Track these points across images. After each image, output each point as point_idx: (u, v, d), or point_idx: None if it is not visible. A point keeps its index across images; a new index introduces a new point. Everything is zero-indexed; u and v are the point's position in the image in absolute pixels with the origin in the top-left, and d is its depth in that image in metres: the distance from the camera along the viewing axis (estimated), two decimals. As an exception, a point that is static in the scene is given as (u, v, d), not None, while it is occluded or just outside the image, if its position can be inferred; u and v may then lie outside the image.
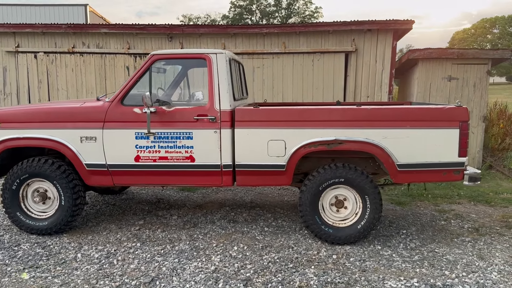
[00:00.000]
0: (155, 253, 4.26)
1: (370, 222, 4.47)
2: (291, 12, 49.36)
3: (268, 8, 49.68)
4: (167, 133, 4.49)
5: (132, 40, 9.16)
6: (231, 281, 3.69)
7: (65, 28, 9.07)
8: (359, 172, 4.43)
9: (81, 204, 4.74)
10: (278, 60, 8.94)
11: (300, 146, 4.42)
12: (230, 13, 49.25)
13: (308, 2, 49.78)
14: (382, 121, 4.36)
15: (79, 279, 3.69)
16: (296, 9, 49.96)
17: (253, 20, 47.14)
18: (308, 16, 48.24)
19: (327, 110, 4.47)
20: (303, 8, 49.96)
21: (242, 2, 49.28)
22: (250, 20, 47.40)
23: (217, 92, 4.47)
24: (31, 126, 4.60)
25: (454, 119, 4.31)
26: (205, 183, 4.65)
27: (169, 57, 4.66)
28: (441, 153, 4.36)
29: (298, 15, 49.10)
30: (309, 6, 50.02)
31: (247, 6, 49.38)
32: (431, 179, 4.53)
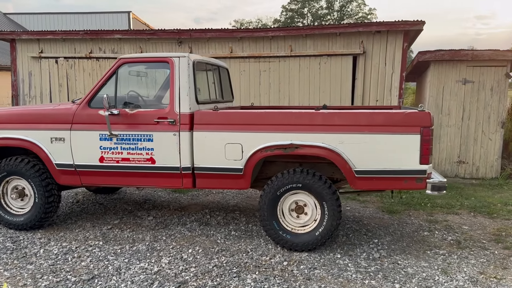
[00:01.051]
0: (111, 252, 4.37)
1: (328, 229, 4.33)
2: (344, 14, 48.70)
3: (320, 11, 49.41)
4: (129, 135, 4.60)
5: (145, 45, 9.45)
6: (167, 283, 3.71)
7: (82, 35, 9.52)
8: (317, 178, 4.31)
9: (54, 202, 4.96)
10: (284, 63, 8.87)
11: (257, 150, 4.36)
12: (281, 17, 49.51)
13: (361, 4, 48.92)
14: (339, 125, 4.22)
15: (27, 273, 3.87)
16: (349, 11, 49.27)
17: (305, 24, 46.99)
18: (361, 18, 47.33)
19: (283, 114, 4.38)
20: (356, 10, 49.18)
21: (294, 5, 49.38)
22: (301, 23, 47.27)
23: (177, 95, 4.52)
24: (9, 127, 4.88)
25: (415, 125, 4.08)
26: (166, 185, 4.71)
27: (135, 60, 4.78)
28: (401, 160, 4.14)
29: (351, 17, 48.35)
30: (363, 8, 49.14)
31: (298, 9, 49.41)
32: (392, 187, 4.31)
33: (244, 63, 9.03)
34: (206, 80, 5.24)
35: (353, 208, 6.29)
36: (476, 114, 8.18)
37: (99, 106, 4.67)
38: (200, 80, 5.20)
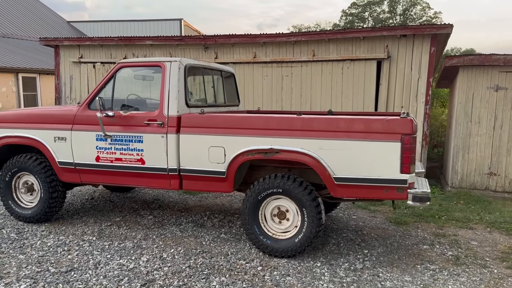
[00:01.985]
0: (98, 248, 4.58)
1: (307, 236, 4.25)
2: (407, 18, 47.22)
3: (381, 15, 48.34)
4: (121, 136, 4.80)
5: (174, 50, 9.77)
6: (136, 280, 3.83)
7: (117, 41, 10.03)
8: (297, 183, 4.25)
9: (58, 198, 5.27)
10: (306, 68, 8.81)
11: (239, 154, 4.39)
12: (341, 22, 48.99)
13: (426, 7, 47.20)
14: (317, 131, 4.14)
15: (15, 262, 4.16)
16: (413, 15, 47.72)
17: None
18: (425, 22, 45.60)
19: (263, 118, 4.37)
20: (420, 14, 47.51)
21: (354, 10, 48.67)
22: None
23: (167, 98, 4.66)
24: (20, 126, 5.27)
25: (395, 132, 3.91)
26: (154, 186, 4.85)
27: (133, 65, 4.98)
28: (381, 168, 3.98)
29: (414, 22, 46.76)
30: (427, 12, 47.37)
31: (359, 13, 48.64)
32: (372, 196, 4.14)
33: (266, 68, 9.07)
34: (202, 84, 5.34)
35: (360, 217, 6.11)
36: (510, 123, 7.63)
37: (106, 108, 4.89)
38: (196, 84, 5.32)
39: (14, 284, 3.68)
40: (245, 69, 9.21)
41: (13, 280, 3.76)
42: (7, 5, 23.53)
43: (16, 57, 15.68)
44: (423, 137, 8.08)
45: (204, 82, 5.40)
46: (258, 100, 9.20)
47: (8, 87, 13.86)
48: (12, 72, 13.98)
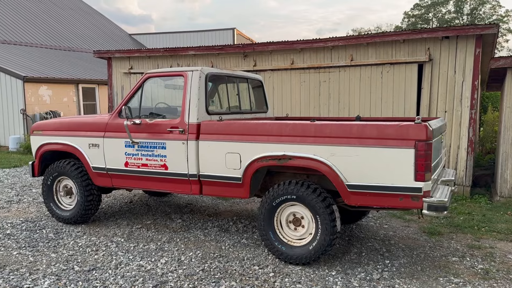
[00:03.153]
0: (124, 249, 4.82)
1: (321, 244, 4.20)
2: (475, 18, 44.93)
3: (447, 15, 46.42)
4: (147, 142, 5.03)
5: (215, 60, 10.04)
6: (149, 281, 3.99)
7: (163, 52, 10.49)
8: (311, 190, 4.22)
9: (93, 201, 5.61)
10: (344, 73, 8.69)
11: (253, 160, 4.44)
12: (403, 24, 47.65)
13: (496, 6, 44.62)
14: (330, 137, 4.09)
15: (46, 260, 4.49)
16: (481, 15, 45.34)
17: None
18: (494, 22, 43.07)
19: (277, 124, 4.39)
20: (490, 13, 45.00)
21: (418, 11, 47.17)
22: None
23: (188, 106, 4.83)
24: (60, 134, 5.68)
25: (408, 138, 3.78)
26: (177, 190, 5.03)
27: (159, 75, 5.21)
28: (395, 175, 3.85)
29: (483, 21, 44.37)
30: (497, 10, 44.75)
31: (422, 15, 47.06)
32: (387, 204, 4.01)
33: (304, 74, 9.05)
34: (226, 92, 5.46)
35: (392, 226, 5.91)
36: None
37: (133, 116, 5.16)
38: (219, 92, 5.45)
39: (40, 280, 3.98)
40: (283, 76, 9.26)
41: (40, 276, 4.07)
42: (75, 20, 25.33)
43: (77, 69, 16.83)
44: (468, 144, 7.66)
45: (228, 90, 5.51)
46: (296, 106, 9.19)
47: (69, 97, 14.90)
48: (73, 83, 15.03)
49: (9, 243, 4.97)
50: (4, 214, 6.23)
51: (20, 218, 6.00)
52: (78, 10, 27.33)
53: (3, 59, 14.76)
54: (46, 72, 14.63)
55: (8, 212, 6.33)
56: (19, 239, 5.13)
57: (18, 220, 5.88)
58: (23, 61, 15.45)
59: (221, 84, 5.48)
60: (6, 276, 4.06)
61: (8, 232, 5.36)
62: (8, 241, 5.06)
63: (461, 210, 6.65)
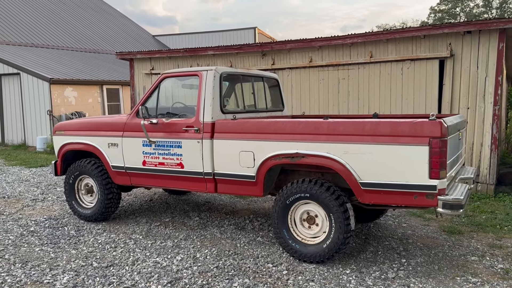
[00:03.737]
0: (142, 246, 4.92)
1: (335, 242, 4.18)
2: (504, 12, 43.61)
3: (475, 9, 45.24)
4: (164, 141, 5.11)
5: (234, 59, 10.09)
6: (164, 277, 4.06)
7: (182, 52, 10.61)
8: (324, 188, 4.21)
9: (113, 199, 5.74)
10: (364, 70, 8.59)
11: (267, 158, 4.46)
12: (429, 19, 46.75)
13: None
14: (343, 135, 4.07)
15: (66, 256, 4.63)
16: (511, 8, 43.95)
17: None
18: None
19: (290, 123, 4.39)
20: None
21: (444, 6, 46.20)
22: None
23: (202, 105, 4.89)
24: (81, 134, 5.84)
25: (423, 135, 3.72)
26: (193, 188, 5.09)
27: (175, 75, 5.29)
28: (409, 173, 3.80)
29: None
30: None
31: (449, 10, 46.04)
32: (401, 202, 3.95)
33: (323, 71, 9.00)
34: (241, 91, 5.49)
35: (411, 225, 5.83)
36: None
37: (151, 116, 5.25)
38: (235, 91, 5.49)
39: (59, 276, 4.11)
40: (301, 74, 9.23)
41: (60, 272, 4.20)
42: (100, 23, 25.88)
43: (102, 71, 17.19)
44: (492, 141, 7.47)
45: (243, 89, 5.54)
46: (315, 104, 9.15)
47: (94, 98, 15.24)
48: (98, 84, 15.37)
49: (32, 240, 5.14)
50: (29, 211, 6.44)
51: (44, 215, 6.19)
52: (103, 13, 27.90)
53: (31, 62, 15.22)
54: (71, 74, 15.00)
55: (33, 210, 6.55)
56: (42, 236, 5.30)
57: (42, 218, 6.07)
58: (50, 63, 15.90)
59: (236, 83, 5.51)
60: (28, 271, 4.21)
61: (32, 229, 5.55)
62: (31, 238, 5.23)
63: (483, 208, 6.50)
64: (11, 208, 6.60)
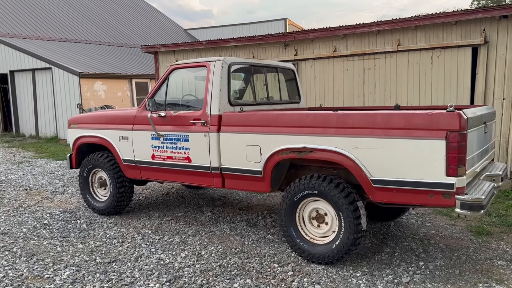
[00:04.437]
0: (149, 241, 4.82)
1: (344, 242, 3.91)
2: None
3: None
4: (171, 135, 4.98)
5: (256, 50, 9.87)
6: (165, 274, 3.93)
7: (205, 45, 10.48)
8: (333, 185, 3.94)
9: (125, 193, 5.67)
10: (391, 59, 8.17)
11: (273, 153, 4.24)
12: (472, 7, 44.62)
13: None
14: (352, 128, 3.78)
15: (72, 250, 4.59)
16: None
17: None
18: None
19: (297, 115, 4.13)
20: None
21: None
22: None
23: (209, 97, 4.70)
24: (94, 127, 5.79)
25: (439, 128, 3.38)
26: (200, 183, 4.93)
27: (184, 66, 5.12)
28: (424, 170, 3.48)
29: None
30: None
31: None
32: (416, 201, 3.63)
33: (347, 61, 8.63)
34: (252, 82, 5.27)
35: (435, 224, 5.45)
36: None
37: (159, 109, 5.14)
38: (246, 82, 5.27)
39: (61, 270, 4.06)
40: (325, 64, 8.89)
41: (62, 266, 4.15)
42: (131, 17, 26.22)
43: (131, 64, 17.37)
44: (529, 134, 6.91)
45: (254, 80, 5.31)
46: (339, 96, 8.80)
47: (123, 92, 15.42)
48: (127, 78, 15.52)
49: (43, 233, 5.15)
50: (47, 204, 6.50)
51: (60, 208, 6.22)
52: (136, 7, 28.25)
53: (62, 56, 15.56)
54: (101, 68, 15.22)
55: (51, 202, 6.61)
56: (53, 229, 5.30)
57: (57, 211, 6.10)
58: (81, 57, 16.19)
59: (248, 74, 5.29)
60: (31, 265, 4.19)
61: (45, 222, 5.57)
62: (43, 230, 5.24)
63: (517, 208, 6.01)
64: (30, 200, 6.69)
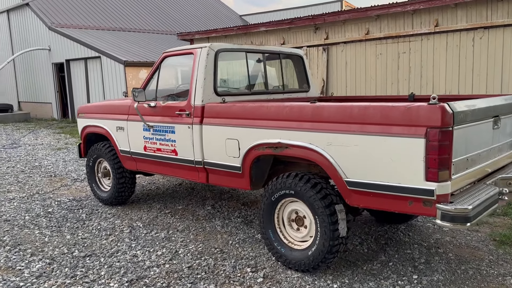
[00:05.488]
0: (135, 235, 4.69)
1: (320, 250, 3.50)
2: None
3: None
4: (159, 126, 4.78)
5: (286, 34, 9.41)
6: (129, 274, 3.77)
7: (236, 30, 10.20)
8: (310, 185, 3.52)
9: (125, 184, 5.60)
10: (427, 42, 7.38)
11: (251, 148, 3.89)
12: None
13: None
14: (327, 122, 3.33)
15: (57, 241, 4.58)
16: None
17: None
18: None
19: (274, 107, 3.73)
20: None
21: None
22: None
23: (194, 87, 4.44)
24: (96, 116, 5.77)
25: (418, 124, 2.85)
26: (187, 177, 4.70)
27: (174, 54, 4.87)
28: (402, 173, 2.97)
29: None
30: None
31: None
32: (394, 208, 3.12)
33: (380, 45, 7.93)
34: (246, 70, 4.90)
35: (455, 229, 4.81)
36: None
37: (151, 99, 4.97)
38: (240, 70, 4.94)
39: (35, 263, 4.04)
40: (357, 49, 8.25)
41: (38, 258, 4.13)
42: (187, 5, 26.51)
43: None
44: None
45: (249, 68, 4.94)
46: (371, 83, 8.14)
47: (167, 79, 15.58)
48: (171, 66, 15.65)
49: (41, 222, 5.22)
50: (63, 191, 6.64)
51: (71, 196, 6.33)
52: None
53: (111, 45, 16.03)
54: (146, 56, 15.48)
55: (67, 190, 6.75)
56: (53, 218, 5.36)
57: (68, 199, 6.20)
58: (129, 46, 16.59)
59: (242, 61, 4.93)
60: (11, 255, 4.22)
61: (50, 210, 5.66)
62: (43, 219, 5.32)
63: (561, 213, 5.15)
64: (49, 187, 6.88)
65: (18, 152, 10.22)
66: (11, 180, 7.38)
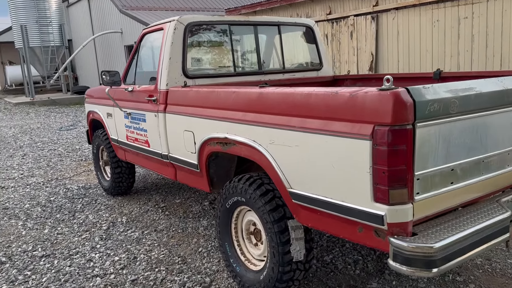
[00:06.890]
0: (109, 233, 4.29)
1: (270, 275, 2.74)
2: None
3: None
4: (134, 113, 4.28)
5: (333, 4, 8.36)
6: (67, 284, 3.34)
7: (280, 2, 9.32)
8: (260, 192, 2.74)
9: (122, 174, 5.22)
10: (495, 3, 5.94)
11: (204, 142, 3.20)
12: None
13: None
14: (270, 113, 2.51)
15: (47, 230, 4.37)
16: None
17: None
18: None
19: (223, 93, 2.97)
20: None
21: None
22: None
23: (160, 68, 3.82)
24: (95, 102, 5.43)
25: (363, 119, 1.94)
26: (160, 172, 4.15)
27: (151, 30, 4.26)
28: (345, 187, 2.08)
29: None
30: None
31: None
32: (343, 234, 2.23)
33: (437, 9, 6.58)
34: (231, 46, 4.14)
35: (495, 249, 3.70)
36: None
37: (131, 82, 4.49)
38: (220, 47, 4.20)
39: (-9, 261, 3.81)
40: (410, 15, 6.97)
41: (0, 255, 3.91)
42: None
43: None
44: None
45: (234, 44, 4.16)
46: (427, 56, 6.84)
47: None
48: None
49: (32, 212, 5.05)
50: (81, 178, 6.52)
51: (81, 183, 6.16)
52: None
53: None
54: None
55: (86, 176, 6.62)
56: (48, 208, 5.18)
57: (78, 185, 6.04)
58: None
59: (224, 36, 4.18)
60: (-23, 250, 4.05)
61: (51, 199, 5.51)
62: (38, 208, 5.17)
63: None
64: (71, 172, 6.82)
65: (70, 134, 10.52)
66: (42, 164, 7.48)
